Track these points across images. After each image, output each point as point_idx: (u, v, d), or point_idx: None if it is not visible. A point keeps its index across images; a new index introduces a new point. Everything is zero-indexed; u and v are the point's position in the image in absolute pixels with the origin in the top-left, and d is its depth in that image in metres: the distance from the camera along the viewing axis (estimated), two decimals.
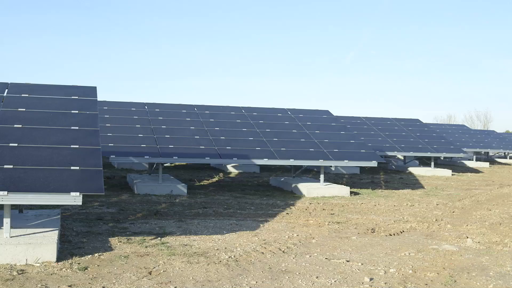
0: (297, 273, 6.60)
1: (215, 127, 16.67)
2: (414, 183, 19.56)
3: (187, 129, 16.24)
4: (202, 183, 17.59)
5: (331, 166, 16.14)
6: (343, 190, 15.13)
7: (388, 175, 22.98)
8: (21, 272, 6.21)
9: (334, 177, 20.82)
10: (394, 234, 9.40)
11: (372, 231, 9.64)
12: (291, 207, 12.45)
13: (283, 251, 7.76)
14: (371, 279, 6.42)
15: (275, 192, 15.46)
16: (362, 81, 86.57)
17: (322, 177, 15.65)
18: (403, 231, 9.72)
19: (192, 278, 6.26)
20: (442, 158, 31.99)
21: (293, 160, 14.99)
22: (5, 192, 6.60)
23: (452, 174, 24.13)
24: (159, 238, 8.45)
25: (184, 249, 7.71)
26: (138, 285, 5.92)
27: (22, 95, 9.80)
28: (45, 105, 9.47)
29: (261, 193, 15.22)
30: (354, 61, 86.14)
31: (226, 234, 8.95)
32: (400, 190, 16.92)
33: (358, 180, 20.14)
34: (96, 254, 7.21)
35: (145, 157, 14.05)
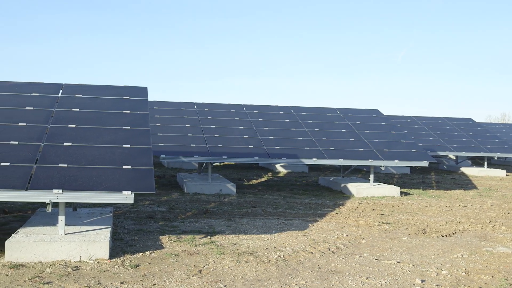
0: (347, 274, 6.55)
1: (264, 126, 16.69)
2: (466, 184, 19.14)
3: (236, 129, 16.32)
4: (251, 183, 17.64)
5: (381, 166, 15.92)
6: (393, 190, 14.94)
7: (439, 175, 22.57)
8: (75, 268, 6.36)
9: (384, 177, 20.58)
10: (446, 236, 9.22)
11: (423, 232, 9.48)
12: (340, 207, 12.37)
13: (333, 251, 7.71)
14: (422, 280, 6.31)
15: (324, 192, 15.38)
16: (413, 80, 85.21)
17: (371, 177, 15.49)
18: (456, 233, 9.53)
19: (242, 277, 6.29)
20: (495, 158, 31.18)
21: (342, 159, 14.87)
22: (60, 191, 6.77)
23: (506, 175, 23.49)
24: (208, 237, 8.52)
25: (233, 248, 7.75)
26: (188, 283, 5.98)
27: (76, 95, 10.03)
28: (98, 105, 9.67)
29: (310, 192, 15.17)
30: (405, 60, 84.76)
31: (275, 234, 8.95)
32: (452, 191, 16.58)
33: (408, 180, 19.85)
34: (147, 252, 7.31)
35: (195, 156, 14.18)
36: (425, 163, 15.35)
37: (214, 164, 15.78)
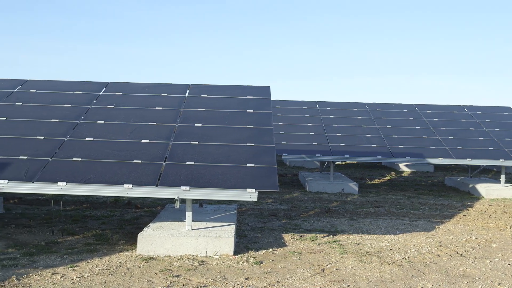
0: (477, 278, 6.26)
1: (387, 125, 16.36)
2: None
3: (358, 127, 16.13)
4: (374, 182, 17.36)
5: None
6: None
7: None
8: (201, 263, 6.57)
9: None
10: None
11: None
12: (468, 208, 11.85)
13: (461, 255, 7.41)
14: None
15: (450, 193, 14.82)
16: None
17: (503, 177, 14.72)
18: None
19: (365, 277, 6.20)
20: None
21: (470, 159, 14.25)
22: (187, 187, 7.02)
23: None
24: (331, 236, 8.48)
25: (356, 248, 7.67)
26: (311, 281, 5.99)
27: (202, 95, 10.36)
28: (223, 105, 9.92)
29: (436, 193, 14.68)
30: None
31: (399, 235, 8.74)
32: None
33: None
34: (270, 249, 7.41)
35: (317, 155, 14.18)
36: None
37: (336, 163, 15.69)
